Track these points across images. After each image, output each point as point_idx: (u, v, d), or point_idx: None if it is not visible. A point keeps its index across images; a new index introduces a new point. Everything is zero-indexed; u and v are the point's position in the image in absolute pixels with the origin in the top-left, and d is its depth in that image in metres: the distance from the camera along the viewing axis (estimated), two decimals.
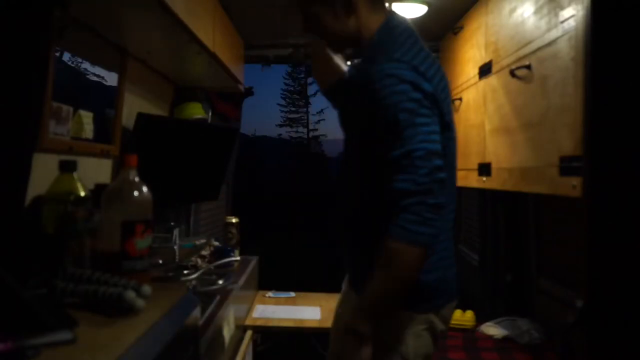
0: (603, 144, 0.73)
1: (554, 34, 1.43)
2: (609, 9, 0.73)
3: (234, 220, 2.47)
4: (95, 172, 1.71)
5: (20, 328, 0.68)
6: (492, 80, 1.98)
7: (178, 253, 2.02)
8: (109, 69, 1.85)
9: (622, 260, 0.69)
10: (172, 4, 1.40)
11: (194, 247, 2.25)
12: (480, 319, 2.40)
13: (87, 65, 1.76)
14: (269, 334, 2.36)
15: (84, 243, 1.04)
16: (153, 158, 1.58)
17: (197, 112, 2.53)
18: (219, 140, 2.41)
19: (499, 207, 2.71)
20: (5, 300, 0.72)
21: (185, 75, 2.40)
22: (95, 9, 1.43)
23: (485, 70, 2.04)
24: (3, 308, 0.71)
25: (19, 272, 0.85)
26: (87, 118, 1.61)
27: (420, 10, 2.29)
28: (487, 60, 2.03)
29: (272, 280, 2.81)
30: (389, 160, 1.06)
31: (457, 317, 2.40)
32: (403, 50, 1.13)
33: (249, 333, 2.14)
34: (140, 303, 0.84)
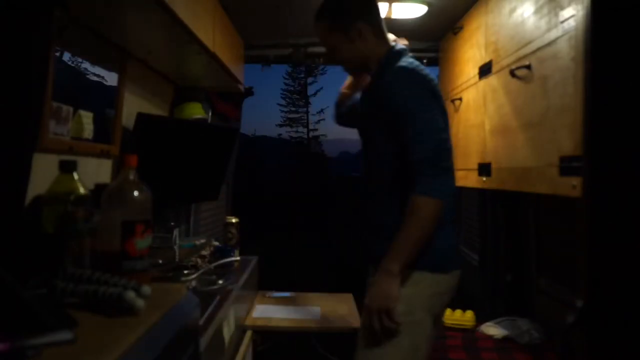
0: (603, 144, 0.73)
1: (554, 34, 1.43)
2: (609, 9, 0.73)
3: (234, 220, 2.47)
4: (95, 172, 1.71)
5: (20, 328, 0.68)
6: (492, 80, 1.98)
7: (178, 253, 2.02)
8: (109, 69, 1.85)
9: (622, 260, 0.69)
10: (172, 4, 1.40)
11: (194, 247, 2.25)
12: (480, 319, 2.40)
13: (87, 65, 1.76)
14: (269, 334, 2.36)
15: (84, 243, 1.04)
16: (153, 158, 1.58)
17: (197, 112, 2.53)
18: (219, 140, 2.40)
19: (499, 207, 2.71)
20: (5, 300, 0.72)
21: (185, 75, 2.40)
22: (95, 9, 1.43)
23: (485, 70, 2.04)
24: (3, 308, 0.71)
25: (19, 272, 0.85)
26: (87, 118, 1.61)
27: (420, 10, 2.29)
28: (487, 60, 2.03)
29: (272, 280, 2.81)
30: (405, 140, 1.36)
31: (457, 317, 2.40)
32: (407, 61, 1.46)
33: (249, 333, 2.14)
34: (140, 303, 0.84)
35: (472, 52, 2.24)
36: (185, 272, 1.82)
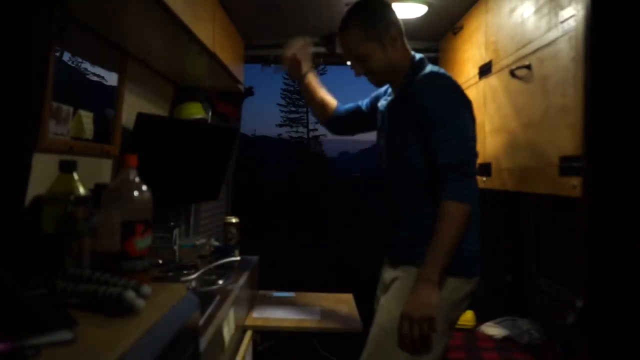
0: (603, 144, 0.73)
1: (554, 34, 1.43)
2: (609, 9, 0.73)
3: (234, 220, 2.47)
4: (95, 172, 1.71)
5: (20, 328, 0.68)
6: (492, 80, 1.98)
7: (178, 253, 2.01)
8: (109, 69, 1.85)
9: (622, 260, 0.69)
10: (172, 4, 1.40)
11: (194, 247, 2.25)
12: (480, 319, 2.40)
13: (87, 65, 1.75)
14: (269, 334, 2.36)
15: (84, 243, 1.04)
16: (153, 158, 1.58)
17: (197, 112, 2.53)
18: (219, 140, 2.40)
19: (499, 207, 2.71)
20: (5, 300, 0.72)
21: (185, 75, 2.40)
22: (95, 9, 1.43)
23: (485, 70, 2.04)
24: (3, 308, 0.71)
25: (19, 272, 0.85)
26: (87, 118, 1.61)
27: (420, 10, 2.29)
28: (487, 60, 2.03)
29: (272, 280, 2.81)
30: (434, 145, 1.38)
31: None
32: (435, 68, 1.50)
33: (249, 333, 2.14)
34: (140, 303, 0.84)
35: (472, 52, 2.24)
36: (185, 272, 1.82)
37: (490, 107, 1.99)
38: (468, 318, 2.39)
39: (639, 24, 0.70)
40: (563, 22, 1.38)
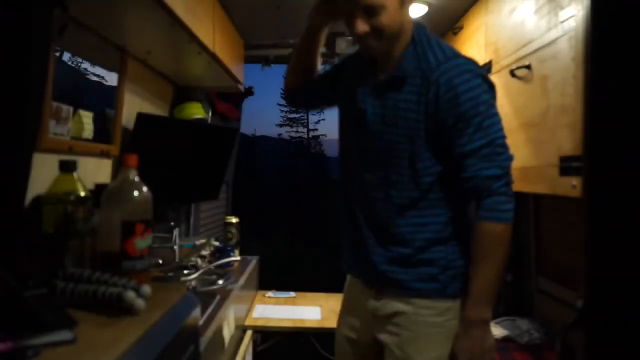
0: (603, 144, 0.73)
1: (554, 34, 1.43)
2: (609, 9, 0.73)
3: (234, 220, 2.47)
4: (95, 172, 1.71)
5: (20, 328, 0.68)
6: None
7: (178, 253, 2.01)
8: (109, 69, 1.85)
9: (622, 260, 0.69)
10: (172, 4, 1.40)
11: (194, 247, 2.25)
12: None
13: (87, 65, 1.75)
14: (269, 334, 2.36)
15: (84, 243, 1.04)
16: (153, 158, 1.58)
17: (197, 112, 2.53)
18: (219, 140, 2.40)
19: None
20: (5, 300, 0.72)
21: (185, 75, 2.40)
22: (95, 9, 1.43)
23: (485, 70, 2.04)
24: (3, 308, 0.71)
25: (19, 272, 0.85)
26: (87, 118, 1.61)
27: (420, 10, 2.29)
28: (487, 60, 2.03)
29: (272, 280, 2.81)
30: (465, 152, 1.17)
31: None
32: (452, 49, 1.25)
33: (249, 333, 2.14)
34: (140, 303, 0.84)
35: (472, 52, 2.24)
36: (185, 272, 1.82)
37: None
38: None
39: (639, 24, 0.70)
40: (563, 22, 1.38)
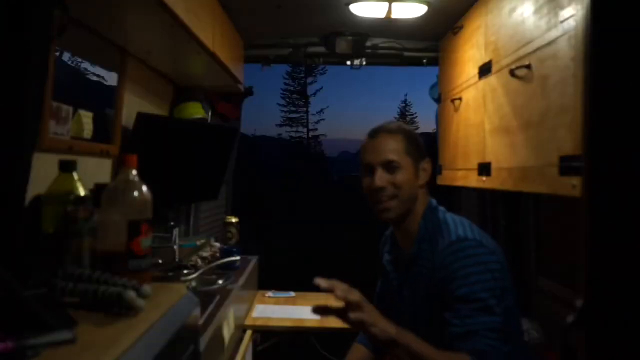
0: (603, 144, 0.73)
1: (554, 34, 1.43)
2: (609, 9, 0.73)
3: (234, 220, 2.47)
4: (95, 172, 1.71)
5: (20, 328, 0.68)
6: (492, 80, 1.98)
7: (178, 253, 2.02)
8: (109, 69, 1.85)
9: (622, 260, 0.69)
10: (172, 4, 1.40)
11: (196, 247, 2.25)
12: None
13: (87, 65, 1.76)
14: (269, 334, 2.36)
15: (84, 243, 1.04)
16: (153, 158, 1.58)
17: (197, 112, 2.53)
18: (219, 140, 2.41)
19: (499, 207, 2.71)
20: (6, 300, 0.72)
21: (185, 75, 2.40)
22: (95, 9, 1.43)
23: (485, 70, 2.04)
24: (3, 308, 0.71)
25: (19, 272, 0.85)
26: (87, 118, 1.61)
27: (420, 10, 2.29)
28: (487, 60, 2.03)
29: (272, 280, 2.81)
30: (455, 334, 1.19)
31: None
32: (461, 228, 1.30)
33: (249, 333, 2.14)
34: (140, 303, 0.84)
35: (472, 52, 2.24)
36: (185, 272, 1.82)
37: (490, 107, 1.99)
38: None
39: (639, 24, 0.70)
40: (563, 22, 1.38)
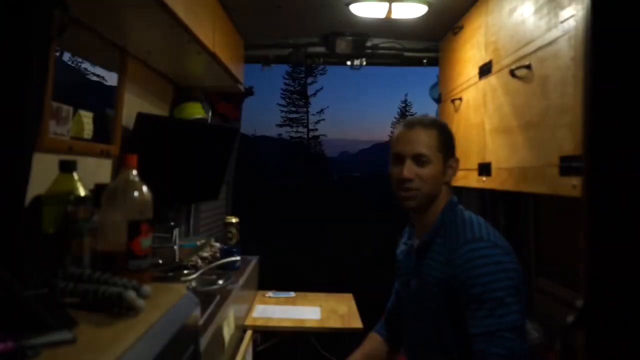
0: (603, 144, 0.73)
1: (554, 34, 1.43)
2: (609, 9, 0.73)
3: (234, 220, 2.47)
4: (95, 172, 1.71)
5: (20, 328, 0.68)
6: (492, 80, 1.98)
7: (178, 253, 2.02)
8: (109, 69, 1.85)
9: (622, 260, 0.69)
10: (172, 4, 1.40)
11: (196, 247, 2.25)
12: None
13: (87, 65, 1.77)
14: (269, 334, 2.36)
15: (84, 243, 1.04)
16: (153, 158, 1.58)
17: (197, 112, 2.53)
18: (219, 140, 2.41)
19: (499, 206, 2.71)
20: (5, 300, 0.72)
21: (185, 75, 2.40)
22: (95, 9, 1.43)
23: (485, 70, 2.04)
24: (3, 308, 0.71)
25: (19, 272, 0.85)
26: (87, 118, 1.61)
27: (420, 10, 2.29)
28: (487, 60, 2.03)
29: (272, 280, 2.81)
30: (475, 333, 1.21)
31: None
32: (478, 228, 1.31)
33: (249, 333, 2.14)
34: (140, 303, 0.84)
35: (472, 52, 2.25)
36: (185, 272, 1.82)
37: (490, 107, 1.99)
38: None
39: (639, 24, 0.70)
40: (563, 22, 1.38)
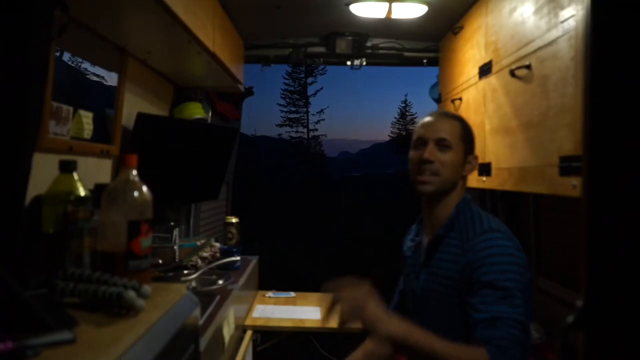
0: (603, 144, 0.73)
1: (554, 34, 1.43)
2: (609, 9, 0.73)
3: (234, 220, 2.47)
4: (95, 172, 1.71)
5: (20, 328, 0.68)
6: (492, 80, 1.98)
7: (178, 253, 2.02)
8: (109, 69, 1.85)
9: (622, 260, 0.69)
10: (172, 4, 1.40)
11: (196, 247, 2.26)
12: None
13: (87, 65, 1.76)
14: (269, 334, 2.36)
15: (84, 243, 1.04)
16: (153, 158, 1.58)
17: (197, 112, 2.53)
18: (219, 140, 2.41)
19: (499, 207, 2.71)
20: (5, 300, 0.72)
21: (185, 75, 2.40)
22: (95, 9, 1.43)
23: (485, 70, 2.04)
24: (3, 308, 0.71)
25: (19, 272, 0.85)
26: (87, 118, 1.61)
27: (420, 10, 2.29)
28: (487, 60, 2.03)
29: (272, 280, 2.82)
30: (478, 318, 1.18)
31: None
32: (492, 221, 1.32)
33: (249, 333, 2.14)
34: (140, 303, 0.84)
35: (472, 52, 2.25)
36: (185, 272, 1.82)
37: (490, 107, 1.99)
38: None
39: (639, 24, 0.70)
40: (563, 22, 1.38)
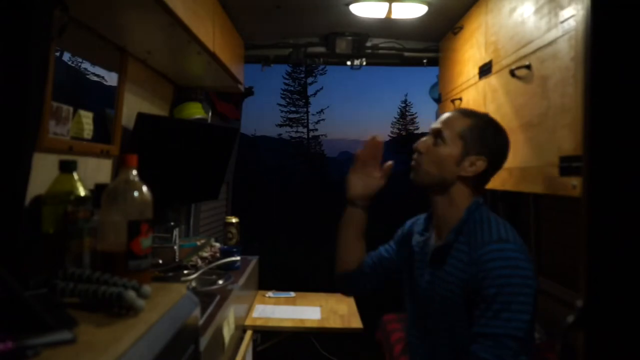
0: (603, 144, 0.73)
1: (554, 34, 1.43)
2: (609, 9, 0.73)
3: (234, 220, 2.47)
4: (95, 172, 1.71)
5: (20, 328, 0.68)
6: (492, 80, 1.98)
7: (178, 253, 2.02)
8: (109, 69, 1.85)
9: (622, 260, 0.69)
10: (172, 4, 1.40)
11: (197, 247, 2.26)
12: None
13: (87, 65, 1.76)
14: (269, 334, 2.36)
15: (84, 243, 1.04)
16: (153, 158, 1.58)
17: (197, 112, 2.53)
18: (219, 140, 2.41)
19: (499, 207, 2.71)
20: (6, 300, 0.72)
21: (185, 75, 2.40)
22: (95, 9, 1.43)
23: (485, 70, 2.04)
24: (3, 308, 0.71)
25: (19, 272, 0.85)
26: (87, 118, 1.61)
27: (420, 10, 2.29)
28: (487, 60, 2.03)
29: (272, 280, 2.81)
30: (477, 332, 1.14)
31: None
32: (502, 230, 1.21)
33: (249, 333, 2.14)
34: (140, 303, 0.84)
35: (472, 52, 2.24)
36: (185, 272, 1.82)
37: (490, 107, 1.99)
38: None
39: (639, 24, 0.70)
40: (563, 22, 1.38)
